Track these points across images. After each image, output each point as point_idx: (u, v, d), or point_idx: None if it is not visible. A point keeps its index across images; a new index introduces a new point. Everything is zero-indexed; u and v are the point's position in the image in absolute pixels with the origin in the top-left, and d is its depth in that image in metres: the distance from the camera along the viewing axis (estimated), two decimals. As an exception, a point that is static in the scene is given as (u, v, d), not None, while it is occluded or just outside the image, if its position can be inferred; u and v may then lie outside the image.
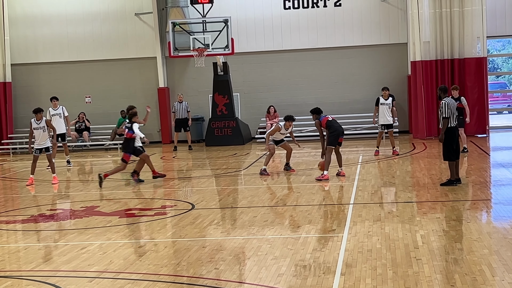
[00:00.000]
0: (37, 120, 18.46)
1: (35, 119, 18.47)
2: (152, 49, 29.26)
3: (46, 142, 18.46)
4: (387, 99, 21.01)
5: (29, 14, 29.93)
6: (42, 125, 18.39)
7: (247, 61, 28.90)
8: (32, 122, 18.48)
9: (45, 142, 18.44)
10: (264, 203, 14.05)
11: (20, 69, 29.86)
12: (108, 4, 29.68)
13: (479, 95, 26.21)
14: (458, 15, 26.04)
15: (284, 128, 18.05)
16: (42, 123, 18.43)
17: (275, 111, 27.53)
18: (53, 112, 22.16)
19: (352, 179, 16.54)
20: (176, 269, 9.20)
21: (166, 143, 29.04)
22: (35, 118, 18.47)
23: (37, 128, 18.39)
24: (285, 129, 18.08)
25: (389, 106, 20.95)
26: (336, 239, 10.40)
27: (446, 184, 14.77)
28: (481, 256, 9.04)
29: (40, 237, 11.73)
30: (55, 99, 22.35)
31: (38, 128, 18.38)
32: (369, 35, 28.50)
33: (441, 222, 11.34)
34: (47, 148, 18.51)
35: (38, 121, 18.44)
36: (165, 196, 16.08)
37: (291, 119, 18.04)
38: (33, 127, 18.41)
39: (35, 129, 18.40)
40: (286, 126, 18.05)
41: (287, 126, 18.05)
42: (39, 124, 18.40)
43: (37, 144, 18.46)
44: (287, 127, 18.06)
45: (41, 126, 18.38)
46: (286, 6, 28.82)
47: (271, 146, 18.21)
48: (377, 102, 21.23)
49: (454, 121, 14.58)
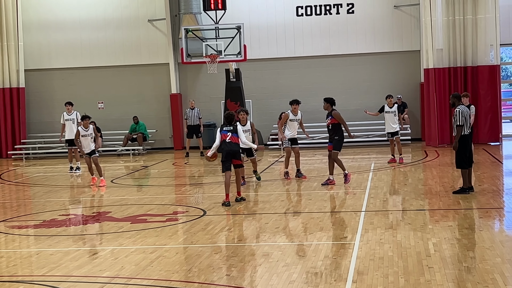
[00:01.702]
0: (84, 127, 18.85)
1: (82, 126, 18.90)
2: (165, 55, 29.33)
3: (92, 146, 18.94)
4: (391, 107, 20.93)
5: (43, 20, 30.07)
6: (90, 132, 18.84)
7: (259, 67, 28.92)
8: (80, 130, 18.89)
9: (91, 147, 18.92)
10: (276, 209, 14.02)
11: (33, 74, 29.99)
12: (122, 10, 29.79)
13: (492, 103, 26.10)
14: (472, 23, 25.97)
15: (292, 113, 18.25)
16: (90, 130, 18.88)
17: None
18: (67, 117, 22.40)
19: (364, 186, 16.50)
20: (188, 275, 9.20)
21: (178, 149, 29.07)
22: (82, 125, 18.92)
23: (85, 135, 18.79)
24: (294, 115, 18.29)
25: (394, 113, 20.84)
26: (347, 247, 10.37)
27: (459, 192, 14.71)
28: (493, 265, 8.99)
29: (52, 242, 11.75)
30: (69, 104, 22.55)
31: (86, 135, 18.80)
32: (382, 42, 28.47)
33: (454, 230, 11.29)
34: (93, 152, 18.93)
35: (86, 129, 18.83)
36: (177, 202, 16.09)
37: (296, 102, 18.32)
38: (81, 134, 18.81)
39: (83, 136, 18.80)
40: (293, 111, 18.27)
41: (295, 110, 18.25)
42: (87, 131, 18.82)
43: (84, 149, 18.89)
44: (295, 112, 18.26)
45: (89, 134, 18.82)
46: (299, 13, 28.84)
47: (287, 148, 18.46)
48: (381, 110, 21.20)
49: (468, 129, 14.52)
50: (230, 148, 14.59)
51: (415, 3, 27.77)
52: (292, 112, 18.34)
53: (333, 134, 16.93)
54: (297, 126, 18.60)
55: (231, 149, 14.60)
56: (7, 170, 24.95)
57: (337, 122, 16.85)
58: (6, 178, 22.09)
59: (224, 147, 14.60)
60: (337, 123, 16.85)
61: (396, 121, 20.89)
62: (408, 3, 28.04)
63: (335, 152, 16.90)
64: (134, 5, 29.70)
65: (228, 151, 14.57)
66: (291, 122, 18.40)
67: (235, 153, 14.69)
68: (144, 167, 24.07)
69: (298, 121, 18.46)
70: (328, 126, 17.01)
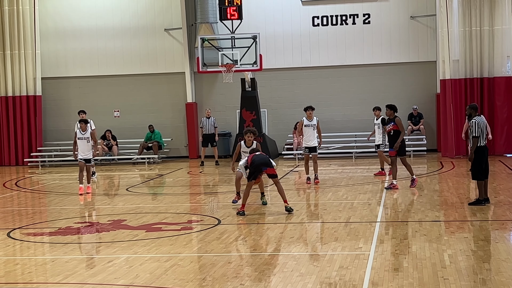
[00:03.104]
0: (82, 130, 19.04)
1: (80, 129, 19.08)
2: (181, 64, 29.42)
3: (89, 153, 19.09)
4: (377, 119, 20.79)
5: (60, 28, 30.26)
6: (86, 136, 19.00)
7: (275, 77, 28.95)
8: (77, 132, 19.11)
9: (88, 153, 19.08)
10: (290, 219, 14.01)
11: (50, 82, 30.17)
12: (138, 19, 29.93)
13: (508, 114, 26.00)
14: (488, 34, 25.90)
15: (307, 119, 18.99)
16: (87, 134, 19.05)
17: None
18: None
19: (379, 197, 16.46)
20: (202, 284, 9.20)
21: (193, 158, 29.11)
22: (80, 128, 19.09)
23: (81, 138, 18.98)
24: (308, 120, 19.02)
25: (378, 126, 20.63)
26: (362, 257, 10.34)
27: (475, 203, 14.64)
28: (509, 277, 8.94)
29: (67, 249, 11.79)
30: (82, 112, 22.57)
31: (82, 138, 18.99)
32: (398, 53, 28.43)
33: (469, 242, 11.23)
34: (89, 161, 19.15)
35: (83, 132, 19.03)
36: (192, 211, 16.10)
37: (310, 108, 19.12)
38: (78, 137, 19.02)
39: (79, 139, 19.00)
40: (308, 117, 18.99)
41: (309, 116, 18.97)
42: (84, 135, 19.00)
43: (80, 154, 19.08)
44: (310, 117, 18.98)
45: (85, 137, 18.98)
46: (315, 23, 28.85)
47: (306, 155, 19.32)
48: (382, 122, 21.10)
49: (484, 140, 14.46)
50: (260, 158, 14.70)
51: (431, 14, 27.73)
52: (307, 118, 19.05)
53: (394, 140, 17.41)
54: (313, 132, 19.22)
55: (262, 159, 14.68)
56: (23, 177, 25.08)
57: (397, 129, 17.33)
58: (22, 186, 22.20)
59: (254, 158, 14.69)
60: (398, 130, 17.37)
61: (379, 134, 20.67)
62: (425, 13, 28.01)
63: (403, 158, 17.67)
64: (150, 14, 29.83)
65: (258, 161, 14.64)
66: (306, 128, 19.08)
67: (267, 163, 14.72)
68: (159, 175, 24.12)
69: (313, 126, 19.11)
70: (390, 132, 17.57)
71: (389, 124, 17.57)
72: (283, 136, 28.59)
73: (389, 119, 17.64)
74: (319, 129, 19.35)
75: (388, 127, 17.62)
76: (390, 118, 17.60)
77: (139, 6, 29.90)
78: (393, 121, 17.48)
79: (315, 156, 19.54)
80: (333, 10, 28.74)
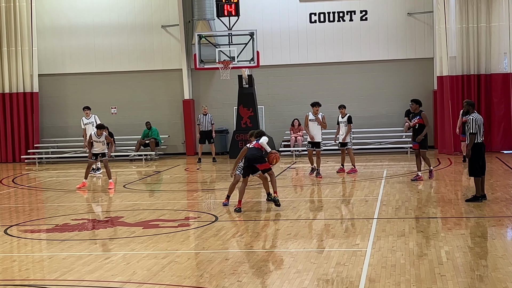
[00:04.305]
0: (97, 135, 19.61)
1: (96, 133, 19.66)
2: (178, 61, 29.41)
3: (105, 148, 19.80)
4: (343, 117, 20.78)
5: (57, 25, 30.21)
6: (102, 139, 19.63)
7: (272, 74, 28.94)
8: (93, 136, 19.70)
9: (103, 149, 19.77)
10: (288, 216, 14.01)
11: (47, 79, 30.13)
12: (135, 16, 29.90)
13: (506, 111, 26.02)
14: (485, 31, 25.92)
15: (312, 114, 19.63)
16: (102, 138, 19.63)
17: (300, 124, 27.50)
18: (86, 121, 23.16)
19: (376, 193, 16.47)
20: (199, 281, 9.20)
21: (190, 154, 29.11)
22: (96, 133, 19.67)
23: (97, 141, 19.57)
24: (313, 115, 19.64)
25: (345, 124, 20.67)
26: (359, 254, 10.35)
27: (472, 200, 14.66)
28: (506, 273, 8.96)
29: (65, 246, 11.79)
30: (87, 108, 23.49)
31: (98, 141, 19.59)
32: (395, 50, 28.43)
33: (466, 239, 11.25)
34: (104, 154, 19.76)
35: (99, 136, 19.60)
36: (189, 207, 16.11)
37: (317, 105, 19.74)
38: (93, 140, 19.61)
39: (94, 141, 19.58)
40: (314, 112, 19.62)
41: (315, 111, 19.58)
42: (99, 138, 19.61)
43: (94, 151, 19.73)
44: (315, 112, 19.58)
45: (100, 141, 19.61)
46: (312, 19, 28.84)
47: (309, 150, 19.94)
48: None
49: (481, 136, 14.48)
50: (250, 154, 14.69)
51: (428, 11, 27.73)
52: (313, 113, 19.77)
53: (418, 134, 18.08)
54: (317, 127, 19.76)
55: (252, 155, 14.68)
56: (20, 174, 25.07)
57: (423, 123, 18.02)
58: (19, 182, 22.19)
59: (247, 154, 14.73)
60: (423, 124, 18.01)
61: (344, 132, 20.63)
62: (422, 10, 28.01)
63: (423, 151, 18.23)
64: (147, 11, 29.80)
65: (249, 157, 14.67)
66: (311, 123, 19.52)
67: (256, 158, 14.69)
68: (156, 172, 24.11)
69: (317, 120, 19.64)
70: (415, 125, 18.19)
71: (415, 118, 18.27)
72: (280, 133, 28.59)
73: (415, 113, 18.33)
74: (322, 123, 19.70)
75: (414, 120, 18.28)
76: (416, 112, 18.31)
77: (136, 3, 29.85)
78: (419, 115, 18.16)
79: (319, 152, 20.00)
80: (330, 7, 28.73)
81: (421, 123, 18.10)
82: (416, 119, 18.20)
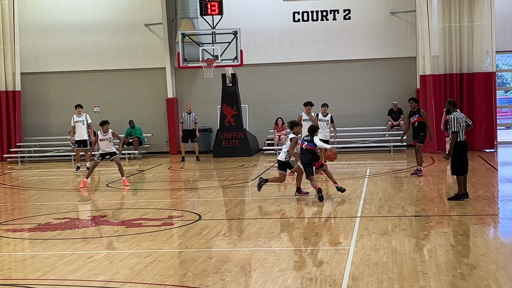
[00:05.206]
0: (103, 132, 19.55)
1: (102, 131, 19.53)
2: (161, 59, 29.35)
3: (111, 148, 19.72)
4: (325, 115, 20.82)
5: (40, 23, 30.07)
6: (108, 136, 19.55)
7: (256, 72, 28.94)
8: (99, 134, 19.59)
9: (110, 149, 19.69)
10: (271, 215, 14.03)
11: (29, 78, 29.98)
12: (118, 14, 29.80)
13: (488, 110, 26.15)
14: (468, 30, 26.03)
15: (306, 113, 19.65)
16: (109, 134, 19.58)
17: (283, 123, 27.52)
18: (77, 119, 23.30)
19: (359, 192, 16.52)
20: (182, 280, 9.19)
21: (174, 153, 29.06)
22: (102, 130, 19.53)
23: (103, 139, 19.52)
24: (307, 115, 19.66)
25: (327, 122, 20.70)
26: (342, 252, 10.38)
27: (454, 198, 14.73)
28: (488, 271, 9.01)
29: (47, 245, 11.74)
30: (79, 106, 23.84)
31: (104, 139, 19.53)
32: (378, 49, 28.52)
33: (448, 237, 11.31)
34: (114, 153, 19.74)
35: (105, 133, 19.55)
36: (172, 206, 16.08)
37: (310, 104, 19.87)
38: (99, 138, 19.54)
39: (101, 140, 19.52)
40: (306, 111, 19.67)
41: (308, 111, 19.62)
42: (106, 135, 19.54)
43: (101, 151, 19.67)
44: (308, 112, 19.60)
45: (107, 138, 19.54)
46: (296, 18, 28.87)
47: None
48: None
49: (463, 135, 14.55)
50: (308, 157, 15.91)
51: (411, 10, 27.83)
52: (306, 112, 19.75)
53: (419, 131, 18.72)
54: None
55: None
56: (2, 173, 24.92)
57: (422, 120, 18.60)
58: (1, 181, 22.06)
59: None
60: (423, 121, 18.60)
61: (326, 130, 20.69)
62: (405, 9, 28.10)
63: (419, 145, 18.78)
64: (131, 9, 29.71)
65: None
66: (305, 122, 19.24)
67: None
68: (140, 171, 24.06)
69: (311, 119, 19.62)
70: (414, 123, 18.79)
71: (414, 116, 18.75)
72: (264, 131, 28.61)
73: (413, 112, 18.79)
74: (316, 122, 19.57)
75: (413, 118, 18.78)
76: (414, 111, 18.78)
77: (120, 1, 29.76)
78: (418, 113, 18.68)
79: None
80: (313, 6, 28.77)
81: (420, 121, 18.65)
82: (416, 117, 18.70)
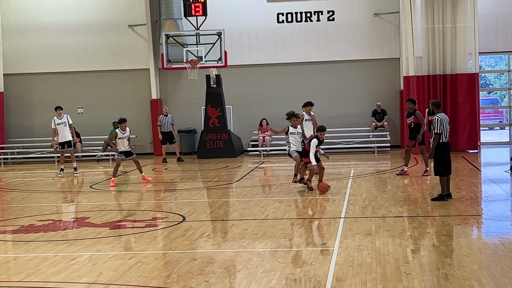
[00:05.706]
0: (122, 130, 19.69)
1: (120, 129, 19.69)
2: (145, 60, 29.28)
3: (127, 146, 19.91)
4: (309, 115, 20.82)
5: (22, 24, 29.91)
6: (126, 134, 19.76)
7: (240, 74, 28.94)
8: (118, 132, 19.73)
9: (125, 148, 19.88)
10: (255, 216, 14.03)
11: (12, 79, 29.83)
12: (102, 15, 29.71)
13: (471, 110, 26.27)
14: (451, 31, 26.15)
15: (306, 113, 19.38)
16: (127, 132, 19.80)
17: (268, 124, 27.52)
18: (58, 121, 23.08)
19: (343, 193, 16.55)
20: (166, 282, 9.17)
21: (158, 154, 28.97)
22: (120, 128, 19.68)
23: (122, 137, 19.69)
24: (307, 115, 19.36)
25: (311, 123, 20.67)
26: (326, 253, 10.39)
27: (437, 199, 14.79)
28: (471, 272, 9.05)
29: (30, 247, 11.68)
30: (59, 108, 23.56)
31: (123, 137, 19.72)
32: (362, 50, 28.60)
33: (432, 237, 11.35)
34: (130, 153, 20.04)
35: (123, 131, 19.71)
36: (156, 208, 16.04)
37: (310, 104, 19.57)
38: (118, 137, 19.68)
39: (119, 138, 19.69)
40: (307, 111, 19.40)
41: (308, 111, 19.39)
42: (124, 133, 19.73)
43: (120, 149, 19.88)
44: (308, 112, 19.38)
45: (125, 136, 19.74)
46: (280, 19, 28.90)
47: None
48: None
49: (446, 136, 14.62)
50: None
51: (395, 11, 27.93)
52: (306, 112, 19.43)
53: (414, 132, 18.81)
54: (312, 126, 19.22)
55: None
56: (-15, 175, 24.77)
57: (418, 122, 18.73)
58: (-16, 183, 21.93)
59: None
60: (419, 123, 18.73)
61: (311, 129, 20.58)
62: (388, 11, 28.20)
63: (422, 147, 19.21)
64: (114, 10, 29.63)
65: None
66: (307, 122, 19.15)
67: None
68: (124, 172, 23.98)
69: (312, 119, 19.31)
70: (411, 124, 18.95)
71: (410, 117, 18.89)
72: (248, 132, 28.61)
73: (410, 113, 18.91)
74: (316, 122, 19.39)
75: (409, 120, 18.94)
76: (410, 112, 18.88)
77: (103, 2, 29.67)
78: (414, 115, 18.82)
79: None
80: (297, 7, 28.81)
81: (416, 122, 18.79)
82: (412, 118, 18.90)
